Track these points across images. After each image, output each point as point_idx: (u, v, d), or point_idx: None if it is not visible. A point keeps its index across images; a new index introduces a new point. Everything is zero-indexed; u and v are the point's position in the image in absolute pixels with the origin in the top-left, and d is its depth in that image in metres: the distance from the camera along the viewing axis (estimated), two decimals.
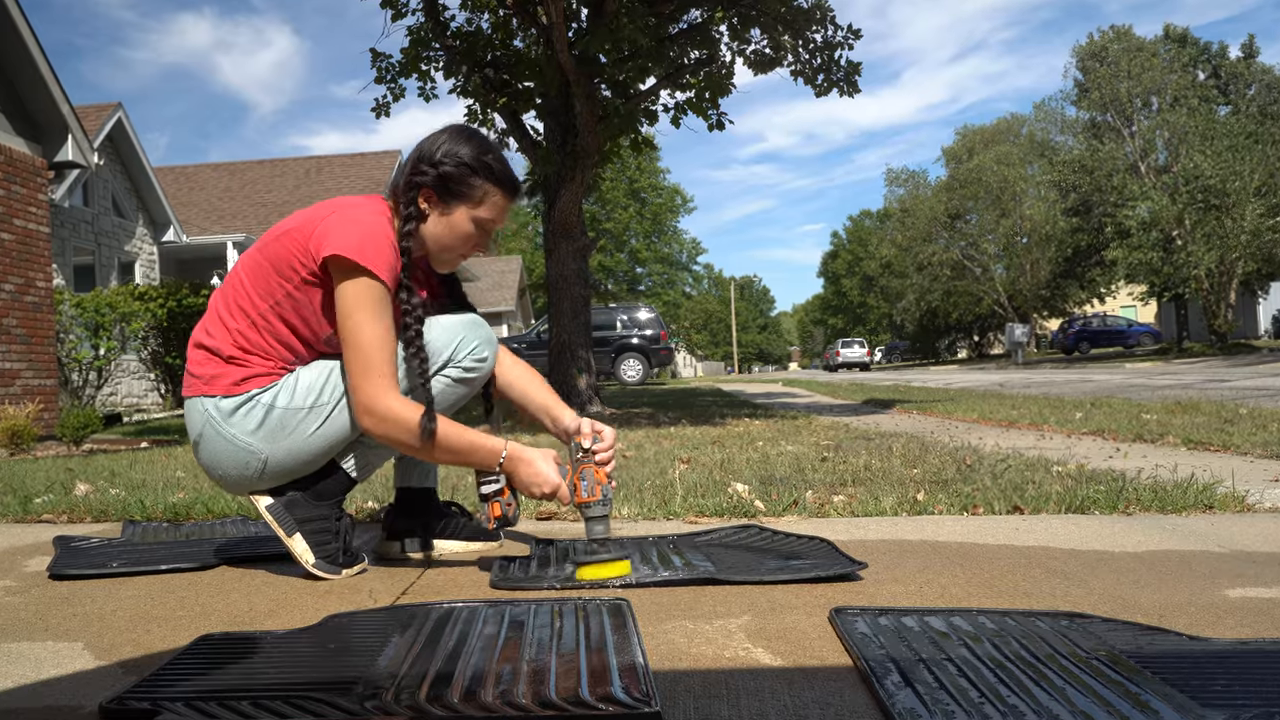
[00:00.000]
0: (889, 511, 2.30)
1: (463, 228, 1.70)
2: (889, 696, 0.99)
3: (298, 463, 1.68)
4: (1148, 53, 28.22)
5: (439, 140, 1.69)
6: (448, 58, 8.14)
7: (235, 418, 1.65)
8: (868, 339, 55.84)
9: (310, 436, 1.66)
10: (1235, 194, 22.16)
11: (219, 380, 1.66)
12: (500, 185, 1.70)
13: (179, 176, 19.87)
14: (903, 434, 4.47)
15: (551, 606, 1.40)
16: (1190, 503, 2.25)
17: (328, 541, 1.70)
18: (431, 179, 1.66)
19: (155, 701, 1.02)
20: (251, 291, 1.65)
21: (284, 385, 1.66)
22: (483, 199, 1.69)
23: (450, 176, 1.66)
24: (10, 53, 7.10)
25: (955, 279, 36.49)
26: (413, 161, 1.69)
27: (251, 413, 1.65)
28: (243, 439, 1.65)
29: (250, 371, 1.66)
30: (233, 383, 1.65)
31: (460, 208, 1.69)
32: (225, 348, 1.66)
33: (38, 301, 7.00)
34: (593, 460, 1.66)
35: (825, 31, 8.40)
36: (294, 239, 1.63)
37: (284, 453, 1.66)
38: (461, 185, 1.67)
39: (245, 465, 1.67)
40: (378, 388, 1.58)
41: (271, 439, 1.65)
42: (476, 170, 1.67)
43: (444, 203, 1.68)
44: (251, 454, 1.66)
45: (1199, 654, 1.12)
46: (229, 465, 1.68)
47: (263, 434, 1.65)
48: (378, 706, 1.00)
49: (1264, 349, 22.35)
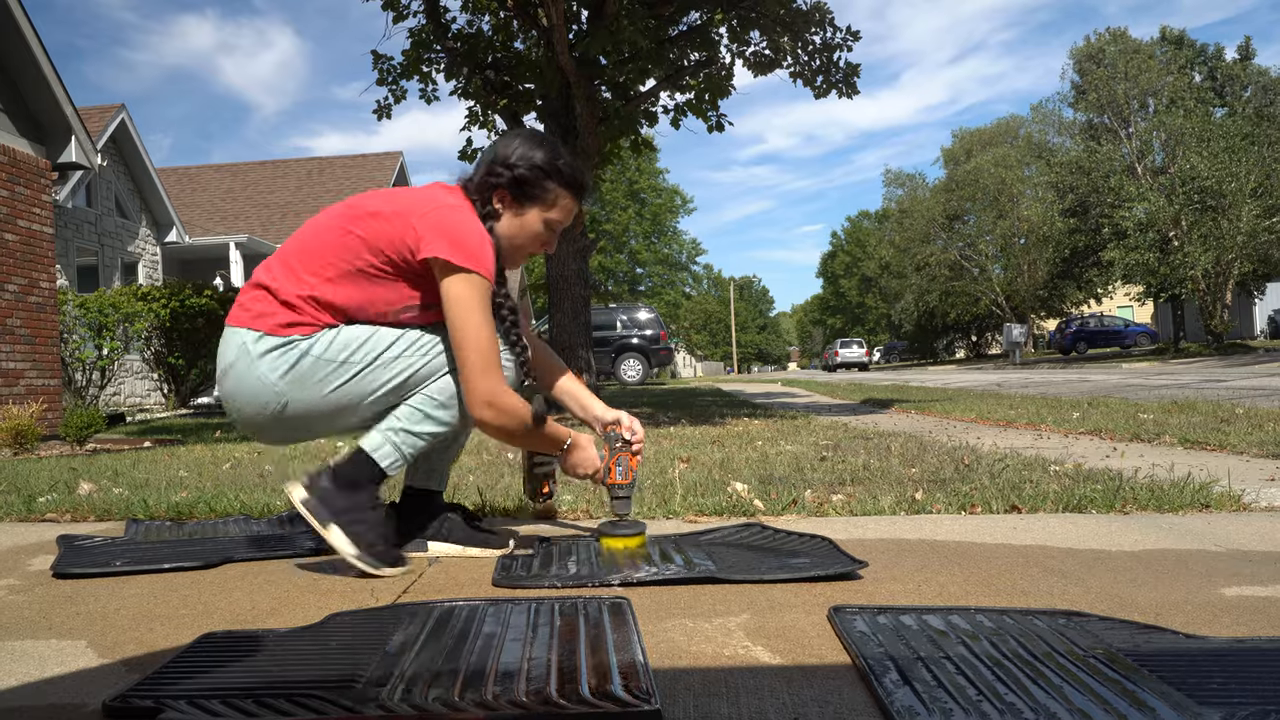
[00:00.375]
0: (887, 511, 2.31)
1: (534, 227, 1.80)
2: (887, 695, 1.00)
3: (314, 413, 1.71)
4: (1144, 54, 28.23)
5: (513, 144, 1.78)
6: (449, 59, 8.15)
7: (269, 356, 1.68)
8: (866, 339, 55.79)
9: (332, 392, 1.68)
10: (1231, 195, 22.17)
11: (267, 318, 1.69)
12: (570, 188, 1.80)
13: (181, 177, 19.87)
14: (901, 433, 4.48)
15: (552, 605, 1.41)
16: (1187, 502, 2.26)
17: (365, 534, 1.70)
18: (507, 180, 1.75)
19: (158, 700, 1.03)
20: (331, 253, 1.69)
21: (323, 336, 1.69)
22: (554, 201, 1.79)
23: (525, 179, 1.75)
24: (13, 54, 7.10)
25: (953, 279, 36.51)
26: (488, 163, 1.77)
27: (286, 355, 1.68)
28: (271, 378, 1.68)
29: (300, 319, 1.69)
30: (280, 324, 1.68)
31: (533, 209, 1.78)
32: (285, 291, 1.69)
33: (41, 302, 7.01)
34: (629, 449, 1.88)
35: (824, 33, 8.42)
36: (390, 225, 1.67)
37: (303, 401, 1.69)
38: (535, 188, 1.77)
39: (264, 405, 1.70)
40: (497, 382, 1.66)
41: (297, 384, 1.68)
42: (550, 174, 1.76)
43: (518, 203, 1.77)
44: (274, 394, 1.69)
45: (1196, 652, 1.13)
46: (248, 399, 1.71)
47: (291, 377, 1.68)
48: (379, 704, 1.01)
49: (1260, 349, 22.36)
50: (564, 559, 1.78)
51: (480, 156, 1.82)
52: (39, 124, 7.43)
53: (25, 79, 7.20)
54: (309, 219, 1.79)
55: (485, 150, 1.83)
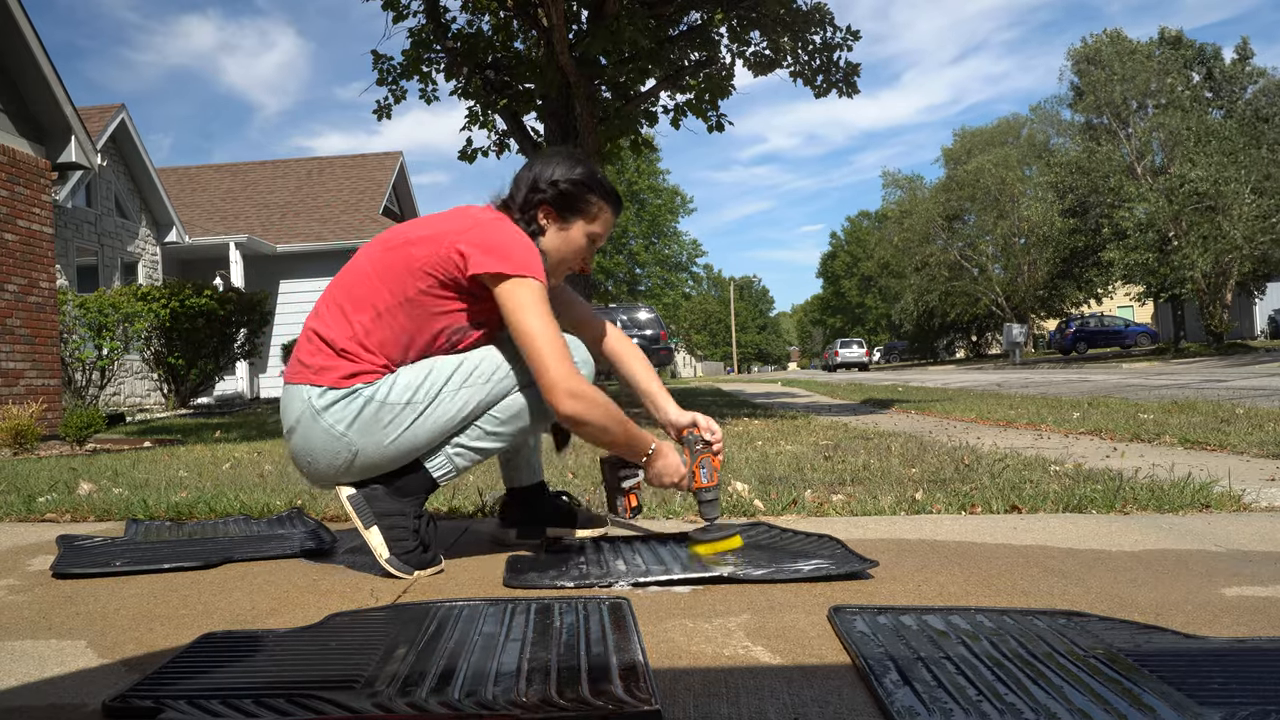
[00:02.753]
0: (887, 511, 2.31)
1: (578, 241, 1.85)
2: (887, 695, 1.00)
3: (384, 459, 1.72)
4: (1142, 55, 28.23)
5: (552, 163, 1.84)
6: (449, 60, 8.15)
7: (335, 409, 1.70)
8: (866, 339, 55.80)
9: (402, 434, 1.70)
10: (1230, 196, 22.17)
11: (328, 373, 1.71)
12: (609, 201, 1.86)
13: (181, 177, 19.85)
14: (901, 434, 4.47)
15: (552, 605, 1.41)
16: (1187, 502, 2.26)
17: (404, 539, 1.72)
18: (551, 195, 1.81)
19: (158, 700, 1.03)
20: (380, 286, 1.71)
21: (384, 381, 1.71)
22: (597, 214, 1.84)
23: (569, 194, 1.81)
24: (13, 54, 7.10)
25: (953, 279, 36.50)
26: (530, 181, 1.83)
27: (351, 404, 1.69)
28: (338, 429, 1.70)
29: (359, 368, 1.71)
30: (341, 376, 1.71)
31: (577, 222, 1.84)
32: (341, 339, 1.71)
33: (41, 302, 7.01)
34: (710, 451, 1.86)
35: (824, 33, 8.42)
36: (432, 248, 1.69)
37: (374, 447, 1.71)
38: (579, 201, 1.82)
39: (335, 455, 1.72)
40: (573, 372, 1.66)
41: (365, 432, 1.70)
42: (591, 187, 1.83)
43: (562, 218, 1.83)
44: (344, 445, 1.71)
45: (1196, 652, 1.13)
46: (320, 454, 1.72)
47: (357, 426, 1.70)
48: (379, 704, 1.01)
49: (1260, 349, 22.36)
50: (573, 558, 1.78)
51: (516, 178, 1.87)
52: (39, 124, 7.43)
53: (25, 79, 7.20)
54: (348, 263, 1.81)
55: (520, 171, 1.87)
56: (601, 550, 1.85)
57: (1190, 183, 22.55)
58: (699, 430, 1.89)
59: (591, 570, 1.67)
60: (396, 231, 1.78)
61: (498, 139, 8.97)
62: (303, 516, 2.35)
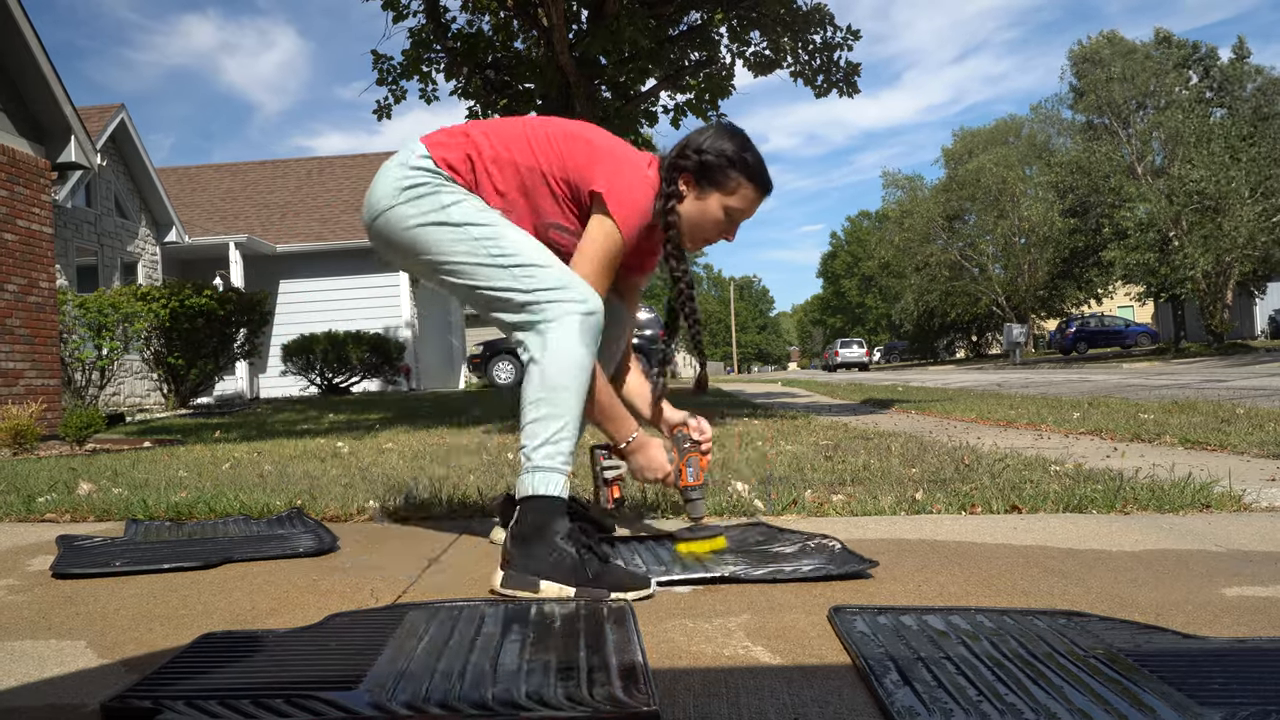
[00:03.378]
0: (887, 511, 2.31)
1: (714, 213, 1.85)
2: (888, 695, 1.00)
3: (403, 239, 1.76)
4: (1140, 55, 28.24)
5: (706, 133, 1.85)
6: (449, 59, 8.15)
7: (410, 173, 1.75)
8: (866, 339, 55.81)
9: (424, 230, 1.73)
10: (1231, 196, 22.17)
11: (442, 148, 1.77)
12: (753, 180, 1.84)
13: (181, 177, 19.84)
14: (901, 434, 4.47)
15: (552, 605, 1.41)
16: (1187, 502, 2.26)
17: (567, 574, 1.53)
18: (693, 164, 1.82)
19: (157, 700, 1.02)
20: (527, 149, 1.76)
21: (461, 192, 1.74)
22: (735, 189, 1.83)
23: (710, 165, 1.81)
24: (13, 54, 7.10)
25: (953, 279, 36.51)
26: (679, 148, 1.84)
27: (421, 181, 1.74)
28: (395, 187, 1.76)
29: (461, 171, 1.74)
30: (446, 158, 1.75)
31: (715, 194, 1.83)
32: (476, 150, 1.76)
33: (41, 302, 7.01)
34: (699, 450, 1.86)
35: (824, 33, 8.43)
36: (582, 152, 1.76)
37: (399, 222, 1.75)
38: (718, 174, 1.82)
39: (376, 202, 1.80)
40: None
41: (409, 212, 1.74)
42: (735, 163, 1.82)
43: (700, 187, 1.83)
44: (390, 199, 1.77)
45: (1196, 652, 1.13)
46: (378, 191, 1.81)
47: (408, 196, 1.75)
48: (377, 705, 1.01)
49: (1261, 349, 22.36)
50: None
51: (679, 141, 1.88)
52: (38, 124, 7.43)
53: (25, 79, 7.20)
54: (506, 120, 1.85)
55: (685, 135, 1.89)
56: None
57: (1191, 182, 22.56)
58: (689, 429, 1.89)
59: None
60: (573, 125, 1.83)
61: None
62: (303, 517, 2.35)
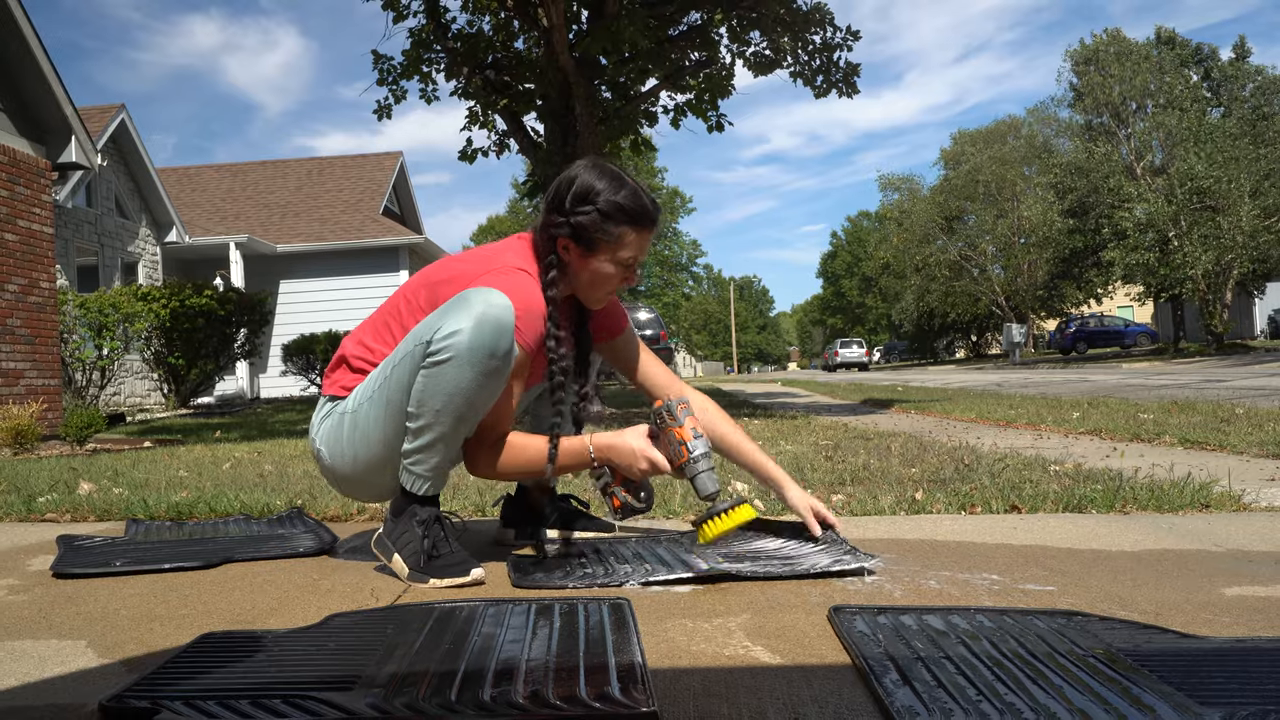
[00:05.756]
0: (887, 511, 2.31)
1: (605, 270, 1.71)
2: (887, 694, 1.00)
3: (353, 473, 1.75)
4: (1139, 55, 28.22)
5: (571, 185, 1.68)
6: (449, 59, 8.15)
7: (324, 424, 1.78)
8: (866, 339, 55.81)
9: (350, 443, 1.72)
10: (1230, 196, 22.16)
11: (337, 383, 1.78)
12: (636, 223, 1.68)
13: (182, 177, 19.84)
14: (901, 433, 4.47)
15: (552, 606, 1.41)
16: (1187, 502, 2.26)
17: (410, 554, 1.66)
18: (567, 231, 1.67)
19: (155, 700, 1.02)
20: (397, 320, 1.72)
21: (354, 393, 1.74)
22: (620, 239, 1.68)
23: (583, 226, 1.66)
24: (14, 55, 7.10)
25: (953, 280, 36.50)
26: (546, 210, 1.70)
27: (328, 418, 1.77)
28: (316, 444, 1.80)
29: (352, 381, 1.75)
30: (343, 386, 1.77)
31: (602, 253, 1.69)
32: (356, 360, 1.76)
33: (41, 302, 7.01)
34: (674, 423, 1.69)
35: (824, 33, 8.43)
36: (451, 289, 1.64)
37: (338, 458, 1.76)
38: (597, 233, 1.67)
39: (326, 470, 1.82)
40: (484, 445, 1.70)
41: (329, 443, 1.76)
42: (609, 215, 1.66)
43: (583, 250, 1.69)
44: (321, 459, 1.81)
45: (1196, 652, 1.13)
46: (326, 456, 1.80)
47: (323, 435, 1.78)
48: (376, 706, 1.01)
49: (1260, 349, 22.35)
50: (576, 559, 1.78)
51: (546, 195, 1.74)
52: (39, 124, 7.43)
53: (25, 79, 7.20)
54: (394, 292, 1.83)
55: (551, 187, 1.73)
56: (602, 551, 1.85)
57: (1193, 179, 22.55)
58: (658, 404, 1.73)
59: (595, 570, 1.67)
60: (436, 268, 1.76)
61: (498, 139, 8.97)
62: (303, 516, 2.35)
